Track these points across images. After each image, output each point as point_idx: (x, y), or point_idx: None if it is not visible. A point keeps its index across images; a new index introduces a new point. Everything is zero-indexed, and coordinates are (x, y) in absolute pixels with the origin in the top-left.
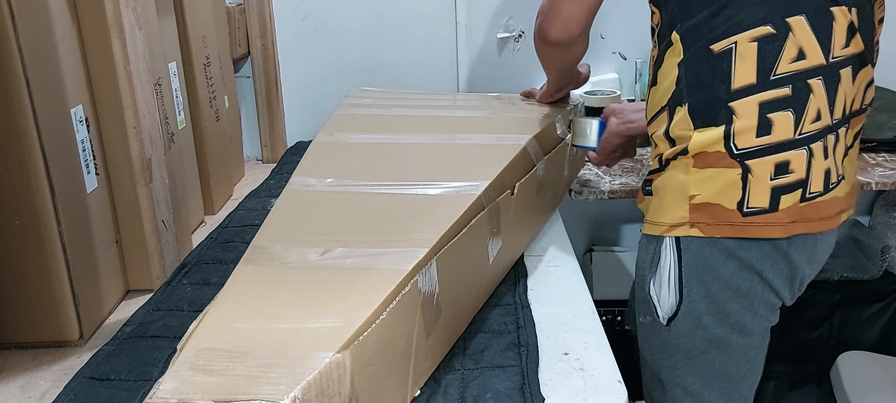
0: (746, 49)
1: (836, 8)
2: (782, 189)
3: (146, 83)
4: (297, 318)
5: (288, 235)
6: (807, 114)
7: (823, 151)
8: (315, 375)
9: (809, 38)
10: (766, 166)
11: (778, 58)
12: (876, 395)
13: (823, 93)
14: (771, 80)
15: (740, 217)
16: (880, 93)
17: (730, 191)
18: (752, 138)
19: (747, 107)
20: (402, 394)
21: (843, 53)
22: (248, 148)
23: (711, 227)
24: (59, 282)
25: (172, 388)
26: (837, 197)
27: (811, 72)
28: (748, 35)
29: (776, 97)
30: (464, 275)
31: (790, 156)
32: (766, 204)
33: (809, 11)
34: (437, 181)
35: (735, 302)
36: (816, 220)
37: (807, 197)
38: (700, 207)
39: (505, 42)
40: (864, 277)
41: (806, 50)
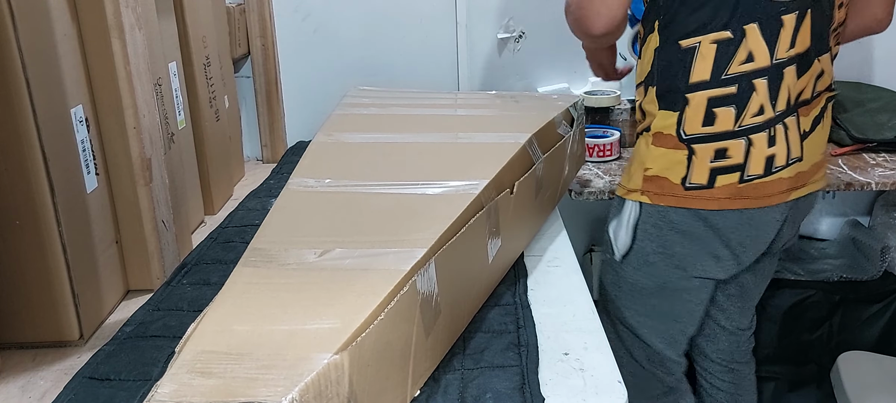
0: (707, 49)
1: (787, 15)
2: (719, 170)
3: (146, 83)
4: (295, 320)
5: (286, 236)
6: (748, 110)
7: (768, 140)
8: (313, 376)
9: (759, 43)
10: (707, 151)
11: (731, 60)
12: (876, 395)
13: (766, 91)
14: (722, 79)
15: (683, 190)
16: (880, 94)
17: (676, 168)
18: (698, 126)
19: (699, 99)
20: (402, 395)
21: (786, 54)
22: (248, 148)
23: (658, 196)
24: (59, 282)
25: (171, 391)
26: (785, 177)
27: (757, 73)
28: (711, 37)
29: (723, 94)
30: (463, 275)
31: (729, 144)
32: (705, 181)
33: (762, 19)
34: (436, 180)
35: (680, 246)
36: (756, 198)
37: (745, 179)
38: (651, 179)
39: (505, 42)
40: (863, 278)
41: (755, 53)
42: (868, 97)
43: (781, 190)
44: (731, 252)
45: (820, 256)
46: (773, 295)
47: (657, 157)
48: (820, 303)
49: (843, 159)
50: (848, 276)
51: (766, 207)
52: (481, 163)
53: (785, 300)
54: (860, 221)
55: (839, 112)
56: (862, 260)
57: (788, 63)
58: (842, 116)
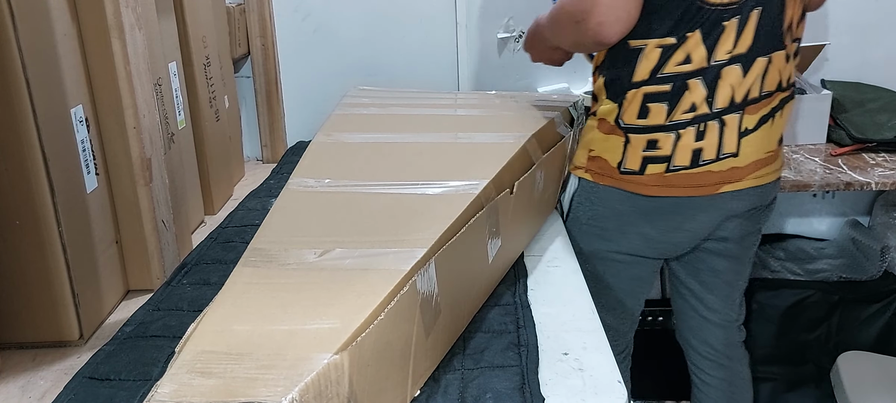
0: (652, 52)
1: (729, 20)
2: (650, 159)
3: (146, 83)
4: (295, 320)
5: (286, 237)
6: (680, 106)
7: (696, 135)
8: (313, 376)
9: (699, 47)
10: (640, 140)
11: (668, 61)
12: (876, 395)
13: (702, 89)
14: (657, 77)
15: (618, 173)
16: (880, 94)
17: (614, 153)
18: (633, 118)
19: (636, 94)
20: (402, 394)
21: (726, 56)
22: (248, 148)
23: (598, 175)
24: (59, 282)
25: (171, 391)
26: (715, 171)
27: (692, 74)
28: (656, 42)
29: (658, 91)
30: (463, 275)
31: (659, 136)
32: (637, 168)
33: (704, 26)
34: (436, 180)
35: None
36: (682, 187)
37: (671, 169)
38: (593, 159)
39: (505, 42)
40: (863, 278)
41: (692, 56)
42: (868, 97)
43: (710, 182)
44: (660, 234)
45: (819, 256)
46: (772, 295)
47: (599, 140)
48: (819, 303)
49: (843, 159)
50: (847, 276)
51: (693, 197)
52: (481, 162)
53: (784, 300)
54: (860, 221)
55: (839, 112)
56: (861, 260)
57: (729, 63)
58: (842, 116)
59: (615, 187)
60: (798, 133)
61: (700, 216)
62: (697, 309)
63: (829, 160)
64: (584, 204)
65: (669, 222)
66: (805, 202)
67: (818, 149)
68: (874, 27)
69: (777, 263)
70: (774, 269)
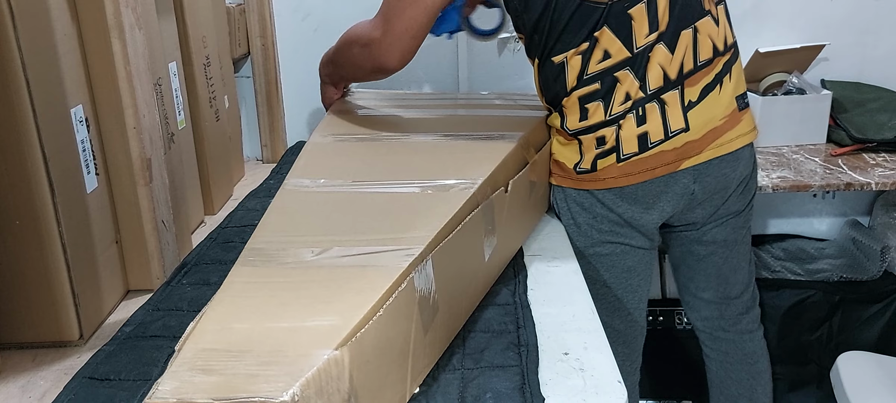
0: (574, 61)
1: (635, 7)
2: (600, 155)
3: (146, 83)
4: (294, 317)
5: (283, 236)
6: (614, 99)
7: (637, 121)
8: (314, 372)
9: (613, 42)
10: (590, 141)
11: (588, 62)
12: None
13: (632, 78)
14: (584, 79)
15: (575, 174)
16: (880, 94)
17: (570, 156)
18: (576, 123)
19: (573, 100)
20: (401, 391)
21: (647, 40)
22: (248, 148)
23: (561, 178)
24: (59, 282)
25: (172, 388)
26: (668, 150)
27: (617, 66)
28: (574, 51)
29: (589, 91)
30: (460, 273)
31: (604, 132)
32: (589, 166)
33: (611, 21)
34: (431, 179)
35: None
36: (637, 173)
37: (621, 158)
38: (555, 163)
39: (505, 42)
40: (863, 278)
41: (610, 51)
42: (868, 97)
43: (667, 162)
44: (629, 225)
45: (820, 256)
46: (773, 295)
47: (559, 146)
48: (820, 303)
49: (843, 159)
50: (848, 276)
51: (651, 179)
52: (476, 161)
53: (785, 300)
54: (860, 221)
55: (839, 112)
56: (862, 260)
57: (653, 45)
58: (842, 116)
59: (575, 188)
60: (798, 133)
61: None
62: (689, 287)
63: (830, 160)
64: (562, 207)
65: (633, 211)
66: (805, 202)
67: (818, 149)
68: (874, 27)
69: (778, 263)
70: (775, 269)
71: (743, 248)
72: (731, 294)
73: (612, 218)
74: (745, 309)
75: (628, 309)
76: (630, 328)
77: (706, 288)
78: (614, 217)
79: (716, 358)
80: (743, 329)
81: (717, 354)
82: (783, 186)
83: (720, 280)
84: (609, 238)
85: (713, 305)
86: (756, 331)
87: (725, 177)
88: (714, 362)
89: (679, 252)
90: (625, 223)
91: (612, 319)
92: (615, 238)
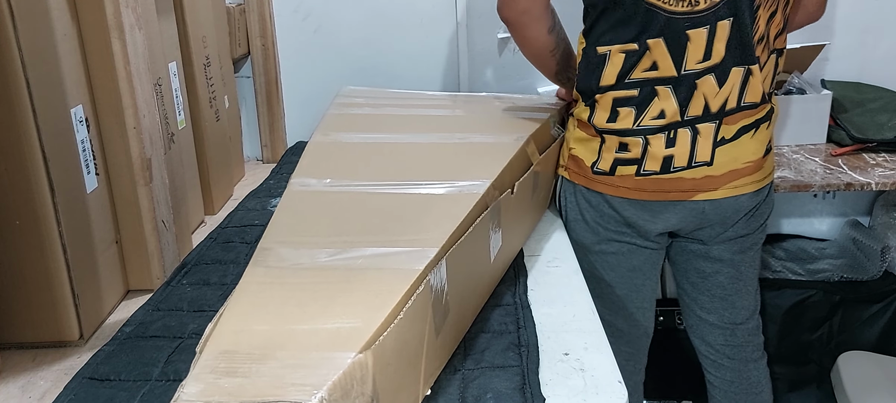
0: (616, 58)
1: (694, 30)
2: (620, 161)
3: (146, 83)
4: (314, 319)
5: (295, 236)
6: (648, 112)
7: (666, 141)
8: (340, 375)
9: (664, 56)
10: (613, 142)
11: (634, 67)
12: (876, 395)
13: (672, 97)
14: (625, 82)
15: (591, 173)
16: (880, 94)
17: (590, 153)
18: (604, 121)
19: (606, 98)
20: (415, 394)
21: (699, 66)
22: (248, 148)
23: (575, 174)
24: (59, 282)
25: (198, 391)
26: (687, 178)
27: (661, 81)
28: (619, 47)
29: (626, 96)
30: (469, 274)
31: (628, 140)
32: (608, 169)
33: (667, 35)
34: (439, 180)
35: (589, 214)
36: (652, 191)
37: (641, 173)
38: (572, 158)
39: (505, 42)
40: (864, 278)
41: (659, 64)
42: (868, 97)
43: (682, 189)
44: (634, 229)
45: (820, 256)
46: (774, 295)
47: (578, 140)
48: (820, 303)
49: (843, 159)
50: (848, 276)
51: (664, 201)
52: (482, 163)
53: (785, 300)
54: (860, 221)
55: (839, 112)
56: (862, 260)
57: (703, 74)
58: (842, 116)
59: (587, 187)
60: (798, 133)
61: (672, 220)
62: (693, 308)
63: (830, 160)
64: (570, 201)
65: (642, 221)
66: (806, 202)
67: (818, 149)
68: (874, 27)
69: (778, 263)
70: (776, 269)
71: (750, 272)
72: (737, 319)
73: (618, 220)
74: (749, 336)
75: (631, 308)
76: (633, 327)
77: (711, 310)
78: (620, 219)
79: (720, 387)
80: (747, 356)
81: (722, 383)
82: (783, 186)
83: (726, 303)
84: (615, 236)
85: (718, 330)
86: (760, 360)
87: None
88: (718, 390)
89: (683, 266)
90: (630, 226)
91: (616, 318)
92: (621, 237)
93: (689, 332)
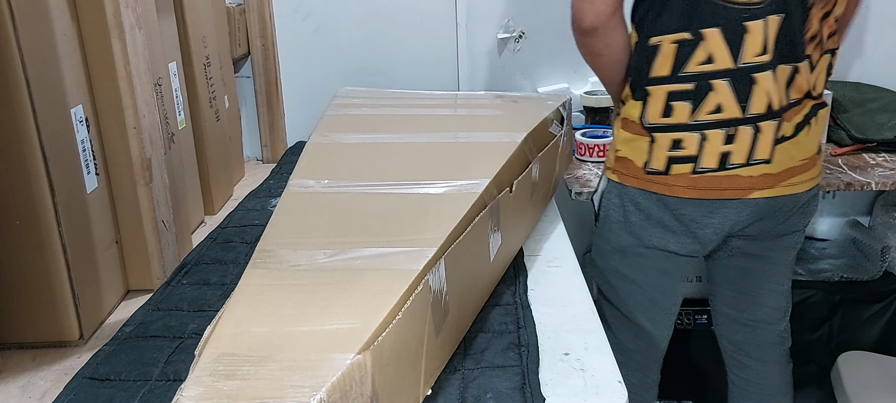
0: (668, 48)
1: (752, 22)
2: (675, 159)
3: (146, 83)
4: (312, 320)
5: (293, 238)
6: (704, 107)
7: (724, 138)
8: (339, 376)
9: (720, 47)
10: (665, 140)
11: (688, 59)
12: (876, 395)
13: (730, 92)
14: (679, 76)
15: (644, 173)
16: (880, 94)
17: (639, 153)
18: (658, 117)
19: (659, 92)
20: (415, 394)
21: (757, 59)
22: (248, 148)
23: (624, 176)
24: (59, 282)
25: (197, 394)
26: (744, 176)
27: (717, 74)
28: (671, 37)
29: (681, 90)
30: (468, 274)
31: (683, 135)
32: (662, 168)
33: (723, 24)
34: (437, 180)
35: (636, 217)
36: (708, 190)
37: (697, 170)
38: (620, 159)
39: (505, 42)
40: (864, 278)
41: (715, 56)
42: (868, 97)
43: (739, 186)
44: (687, 228)
45: (820, 256)
46: None
47: (625, 141)
48: (820, 303)
49: (843, 159)
50: (848, 276)
51: (721, 200)
52: (480, 162)
53: None
54: (860, 221)
55: (839, 112)
56: (862, 260)
57: (763, 68)
58: (842, 116)
59: (641, 188)
60: None
61: (728, 218)
62: (721, 306)
63: (830, 160)
64: (615, 202)
65: (697, 219)
66: None
67: None
68: (874, 27)
69: None
70: None
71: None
72: (768, 318)
73: (668, 223)
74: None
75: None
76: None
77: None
78: (671, 220)
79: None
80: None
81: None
82: None
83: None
84: (656, 243)
85: (747, 328)
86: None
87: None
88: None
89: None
90: (679, 230)
91: (640, 318)
92: (662, 243)
93: (717, 331)
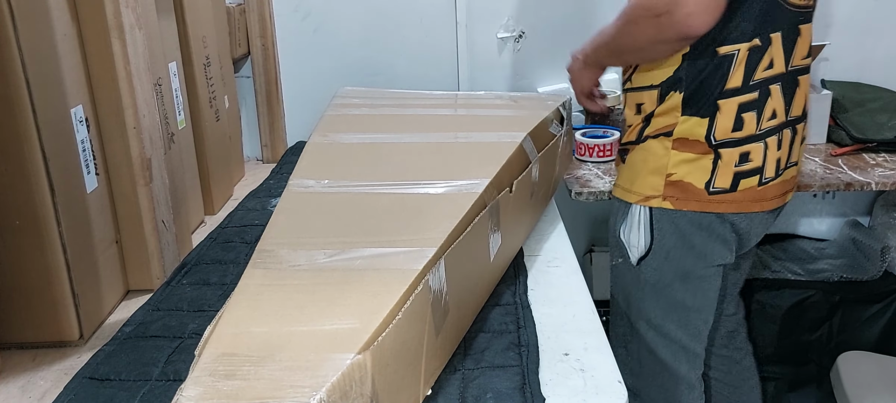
0: (743, 56)
1: (804, 25)
2: (742, 174)
3: (146, 83)
4: (312, 320)
5: (293, 238)
6: (765, 114)
7: (777, 144)
8: (338, 377)
9: (779, 50)
10: (732, 155)
11: (757, 67)
12: (876, 395)
13: (780, 96)
14: (750, 85)
15: (707, 195)
16: (880, 94)
17: (700, 174)
18: (728, 132)
19: (730, 105)
20: (415, 394)
21: (802, 62)
22: (248, 148)
23: (681, 201)
24: (59, 282)
25: (197, 394)
26: (784, 180)
27: (773, 79)
28: (747, 45)
29: (749, 99)
30: (468, 274)
31: (751, 147)
32: (728, 185)
33: (784, 28)
34: (437, 180)
35: (698, 238)
36: (768, 200)
37: (762, 181)
38: (674, 184)
39: (505, 42)
40: (863, 278)
41: (775, 60)
42: (868, 97)
43: (782, 191)
44: (738, 240)
45: (820, 256)
46: (774, 295)
47: (682, 162)
48: (820, 303)
49: (843, 159)
50: (848, 276)
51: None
52: (480, 161)
53: (785, 300)
54: (860, 221)
55: (839, 112)
56: (862, 260)
57: (803, 71)
58: (842, 116)
59: (701, 211)
60: None
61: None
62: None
63: (830, 160)
64: (670, 228)
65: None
66: (805, 202)
67: (818, 149)
68: (874, 27)
69: (778, 263)
70: (775, 270)
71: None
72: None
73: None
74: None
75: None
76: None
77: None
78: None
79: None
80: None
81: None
82: None
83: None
84: (718, 260)
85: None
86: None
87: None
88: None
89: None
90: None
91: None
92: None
93: None
